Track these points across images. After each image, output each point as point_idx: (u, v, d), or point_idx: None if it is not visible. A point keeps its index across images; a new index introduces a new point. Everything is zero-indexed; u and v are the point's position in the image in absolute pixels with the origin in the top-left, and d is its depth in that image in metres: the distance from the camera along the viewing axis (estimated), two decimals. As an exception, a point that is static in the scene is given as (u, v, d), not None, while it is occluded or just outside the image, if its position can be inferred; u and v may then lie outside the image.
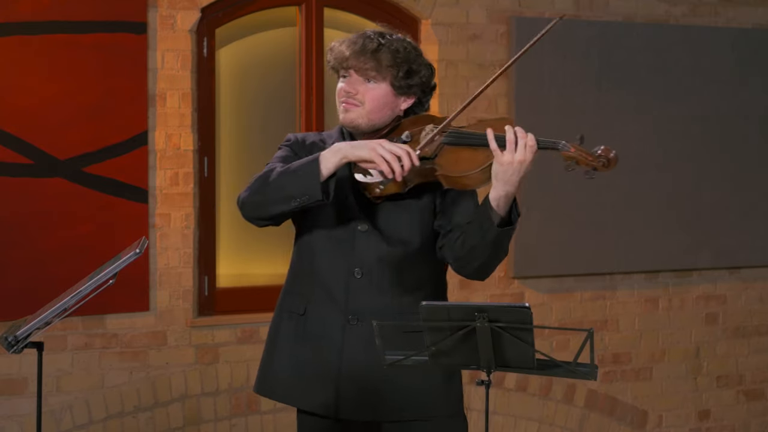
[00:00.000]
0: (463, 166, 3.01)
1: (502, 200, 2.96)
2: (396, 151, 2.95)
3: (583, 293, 5.99)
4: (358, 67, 3.14)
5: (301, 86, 5.44)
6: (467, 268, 3.10)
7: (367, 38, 3.16)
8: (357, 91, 3.15)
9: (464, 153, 3.03)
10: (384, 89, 3.15)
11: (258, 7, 5.39)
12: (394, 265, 3.14)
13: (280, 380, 3.22)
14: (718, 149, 6.22)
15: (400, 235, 3.14)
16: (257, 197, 3.06)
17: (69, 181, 4.93)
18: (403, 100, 3.18)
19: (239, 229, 5.43)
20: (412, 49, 3.19)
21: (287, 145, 3.24)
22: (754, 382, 6.45)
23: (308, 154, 3.13)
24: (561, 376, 2.91)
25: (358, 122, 3.16)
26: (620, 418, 6.10)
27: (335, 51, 3.19)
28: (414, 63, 3.17)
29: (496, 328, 2.75)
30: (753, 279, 6.42)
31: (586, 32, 5.88)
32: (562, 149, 2.96)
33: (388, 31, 3.21)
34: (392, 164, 2.93)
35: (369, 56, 3.12)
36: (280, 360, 3.23)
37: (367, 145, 2.97)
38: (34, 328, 3.18)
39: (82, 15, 4.93)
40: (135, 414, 5.11)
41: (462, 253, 3.07)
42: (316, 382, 3.15)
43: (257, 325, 5.31)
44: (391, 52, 3.13)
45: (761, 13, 6.39)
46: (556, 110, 5.81)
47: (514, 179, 2.93)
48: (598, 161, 2.95)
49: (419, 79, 3.18)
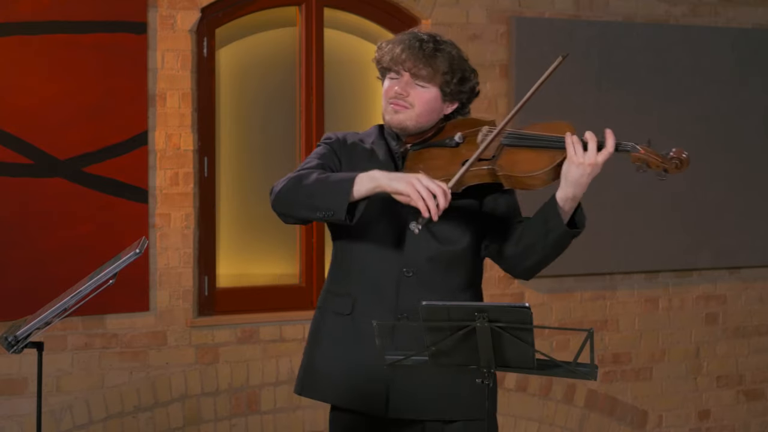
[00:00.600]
0: (526, 166, 3.03)
1: (569, 202, 3.02)
2: (433, 188, 2.92)
3: (583, 293, 5.99)
4: (413, 71, 3.14)
5: (301, 86, 5.45)
6: (518, 267, 3.16)
7: (423, 41, 3.15)
8: (408, 93, 3.15)
9: (526, 154, 3.06)
10: (434, 93, 3.16)
11: (258, 7, 5.39)
12: (443, 264, 3.16)
13: (327, 380, 3.21)
14: (718, 149, 6.22)
15: (450, 234, 3.15)
16: (288, 196, 3.05)
17: (69, 181, 4.93)
18: (448, 105, 3.20)
19: (239, 229, 5.43)
20: (464, 57, 3.21)
21: (327, 143, 3.24)
22: (754, 382, 6.45)
23: (349, 155, 3.17)
24: (561, 376, 2.91)
25: (407, 124, 3.17)
26: (620, 418, 6.11)
27: (388, 51, 3.18)
28: (466, 71, 3.19)
29: (496, 328, 2.75)
30: (753, 279, 6.42)
31: (586, 32, 5.88)
32: (632, 151, 3.03)
33: (437, 34, 3.23)
34: (428, 202, 2.91)
35: (426, 60, 3.13)
36: (325, 360, 3.22)
37: (404, 179, 2.95)
38: (34, 328, 3.18)
39: (82, 15, 4.93)
40: (135, 414, 5.11)
41: (515, 252, 3.12)
42: (367, 381, 3.16)
43: (257, 325, 5.31)
44: (447, 58, 3.15)
45: (761, 13, 6.39)
46: (556, 110, 5.80)
47: (585, 181, 3.00)
48: (670, 163, 3.03)
49: (469, 86, 3.21)
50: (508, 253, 3.15)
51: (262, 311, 5.36)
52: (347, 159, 3.20)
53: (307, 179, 3.02)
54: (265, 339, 5.32)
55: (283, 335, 5.36)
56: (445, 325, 2.78)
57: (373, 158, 3.20)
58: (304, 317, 5.39)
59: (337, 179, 3.00)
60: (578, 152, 2.99)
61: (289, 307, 5.43)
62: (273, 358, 5.34)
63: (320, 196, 2.98)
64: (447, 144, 3.17)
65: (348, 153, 3.19)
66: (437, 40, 3.18)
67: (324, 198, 2.98)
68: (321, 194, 2.98)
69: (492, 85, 5.71)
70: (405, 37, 3.19)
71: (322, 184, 3.00)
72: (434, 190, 2.92)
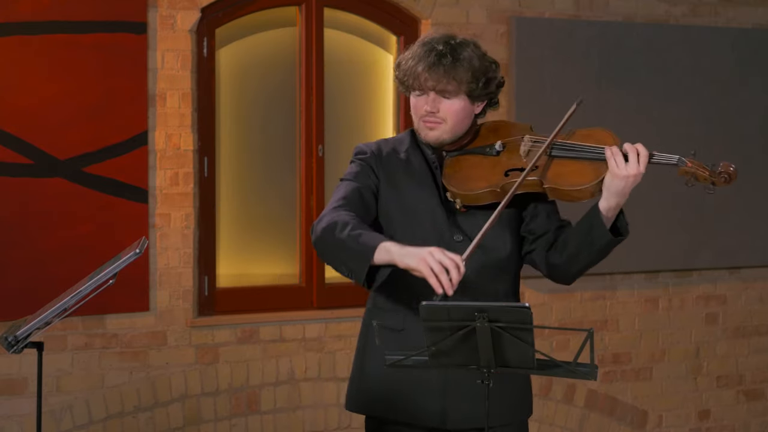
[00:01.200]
0: (573, 179, 3.04)
1: (612, 211, 3.07)
2: (446, 263, 2.87)
3: (583, 293, 5.99)
4: (438, 87, 3.11)
5: (301, 86, 5.44)
6: (564, 274, 3.18)
7: (441, 55, 3.10)
8: (438, 109, 3.13)
9: (571, 166, 3.07)
10: (463, 102, 3.14)
11: (258, 7, 5.39)
12: (488, 274, 3.15)
13: (381, 396, 3.20)
14: (718, 149, 6.21)
15: (494, 243, 3.14)
16: (321, 245, 3.04)
17: (69, 181, 4.93)
18: (478, 105, 3.19)
19: (239, 229, 5.43)
20: (483, 54, 3.17)
21: (361, 159, 3.21)
22: (754, 382, 6.44)
23: (386, 169, 3.15)
24: (561, 376, 2.91)
25: (443, 138, 3.16)
26: (620, 418, 6.10)
27: (408, 70, 3.13)
28: (489, 71, 3.16)
29: (496, 328, 2.74)
30: (753, 279, 6.42)
31: (586, 32, 5.88)
32: (680, 164, 3.06)
33: (452, 36, 3.17)
34: (440, 277, 2.87)
35: (447, 75, 3.09)
36: (378, 376, 3.19)
37: (416, 255, 2.90)
38: (34, 328, 3.18)
39: (82, 15, 4.93)
40: (135, 414, 5.11)
41: (560, 260, 3.14)
42: (424, 396, 3.15)
43: (257, 325, 5.31)
44: (468, 66, 3.11)
45: (761, 13, 6.39)
46: (556, 110, 5.79)
47: (627, 191, 3.05)
48: (719, 177, 3.06)
49: (495, 84, 3.18)
50: (553, 262, 3.16)
51: (262, 311, 5.36)
52: (385, 173, 3.17)
53: (341, 231, 3.00)
54: (265, 339, 5.32)
55: (283, 335, 5.36)
56: (446, 325, 2.78)
57: (410, 168, 3.18)
58: (304, 317, 5.39)
59: (365, 240, 2.96)
60: (620, 165, 3.02)
61: (289, 307, 5.43)
62: (273, 358, 5.34)
63: (345, 255, 2.98)
64: (487, 153, 3.16)
65: (385, 167, 3.17)
66: (454, 47, 3.13)
67: (348, 258, 2.98)
68: (346, 253, 2.98)
69: (492, 85, 5.71)
70: (422, 51, 3.13)
71: (351, 241, 2.97)
72: (447, 265, 2.87)
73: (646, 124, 6.01)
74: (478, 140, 3.19)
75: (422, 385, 3.15)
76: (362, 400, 3.25)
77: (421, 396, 3.15)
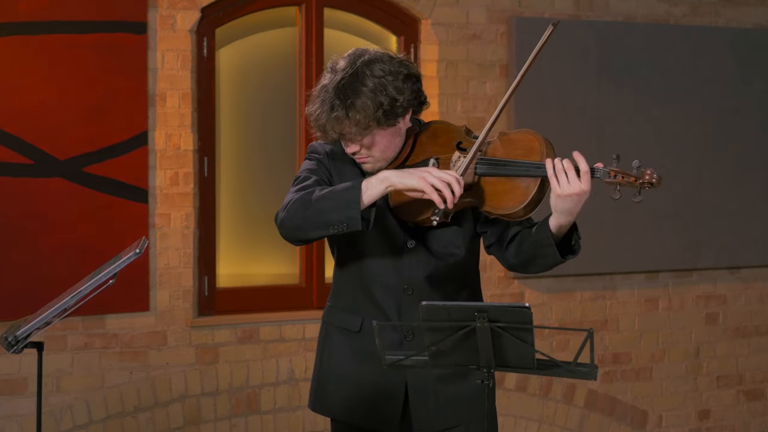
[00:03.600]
0: (505, 202, 2.97)
1: (564, 228, 2.99)
2: (445, 178, 2.88)
3: (583, 293, 5.99)
4: (347, 135, 3.03)
5: (301, 86, 5.44)
6: (524, 272, 3.17)
7: (332, 106, 3.00)
8: (360, 148, 3.06)
9: (502, 185, 2.98)
10: (380, 132, 3.04)
11: (258, 7, 5.39)
12: (442, 277, 3.14)
13: (340, 399, 3.20)
14: (718, 149, 6.21)
15: (448, 249, 3.13)
16: (295, 221, 2.97)
17: (69, 181, 4.93)
18: (400, 120, 3.07)
19: (239, 229, 5.43)
20: (379, 73, 3.01)
21: (315, 159, 3.16)
22: (754, 382, 6.45)
23: (339, 168, 3.11)
24: (561, 376, 2.91)
25: (379, 166, 3.08)
26: (620, 418, 6.10)
27: (315, 123, 3.07)
28: (391, 88, 3.01)
29: (496, 328, 2.74)
30: (753, 279, 6.42)
31: (586, 32, 5.88)
32: (603, 177, 2.92)
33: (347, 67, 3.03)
34: (444, 192, 2.87)
35: (349, 121, 2.99)
36: (337, 378, 3.20)
37: (415, 174, 2.89)
38: (34, 328, 3.18)
39: (82, 15, 4.93)
40: (135, 414, 5.11)
41: (516, 261, 3.10)
42: (382, 400, 3.14)
43: (257, 325, 5.31)
44: (363, 101, 2.98)
45: (761, 13, 6.39)
46: (556, 110, 5.81)
47: (577, 209, 2.93)
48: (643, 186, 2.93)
49: (405, 98, 3.04)
50: (510, 261, 3.13)
51: (262, 311, 5.36)
52: (337, 173, 3.14)
53: (311, 199, 2.94)
54: (265, 339, 5.32)
55: (283, 335, 5.36)
56: (445, 325, 2.78)
57: (359, 165, 3.13)
58: (304, 317, 5.39)
59: (342, 189, 2.92)
60: (562, 183, 2.89)
61: (289, 307, 5.43)
62: (273, 358, 5.34)
63: (331, 211, 2.91)
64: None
65: (337, 167, 3.13)
66: (344, 88, 2.99)
67: (335, 212, 2.90)
68: (331, 209, 2.91)
69: (492, 84, 5.71)
70: (318, 101, 3.04)
71: (329, 198, 2.92)
72: (447, 179, 2.88)
73: (645, 124, 6.01)
74: (416, 151, 3.12)
75: (383, 391, 3.13)
76: (324, 403, 3.24)
77: (383, 402, 3.14)
